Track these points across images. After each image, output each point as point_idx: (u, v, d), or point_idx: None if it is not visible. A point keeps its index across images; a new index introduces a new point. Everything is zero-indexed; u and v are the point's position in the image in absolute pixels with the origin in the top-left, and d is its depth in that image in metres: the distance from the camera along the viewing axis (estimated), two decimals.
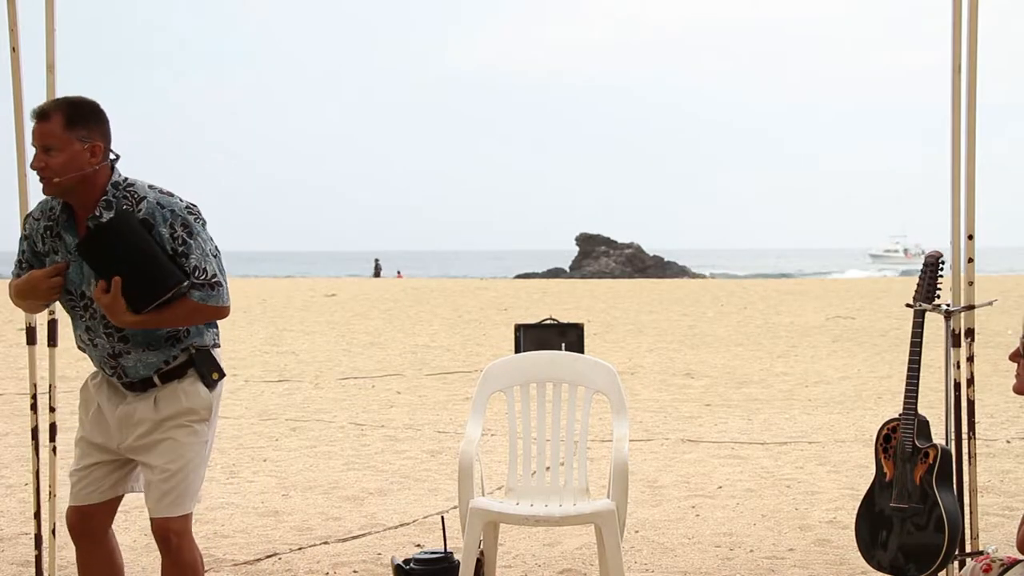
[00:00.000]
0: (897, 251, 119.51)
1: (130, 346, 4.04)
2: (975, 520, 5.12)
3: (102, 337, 4.06)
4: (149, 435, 4.10)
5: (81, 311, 4.07)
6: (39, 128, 3.90)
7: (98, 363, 4.14)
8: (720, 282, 44.28)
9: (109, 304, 3.89)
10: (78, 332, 4.13)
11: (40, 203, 4.13)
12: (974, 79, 4.97)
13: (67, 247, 4.02)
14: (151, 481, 4.16)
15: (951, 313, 5.09)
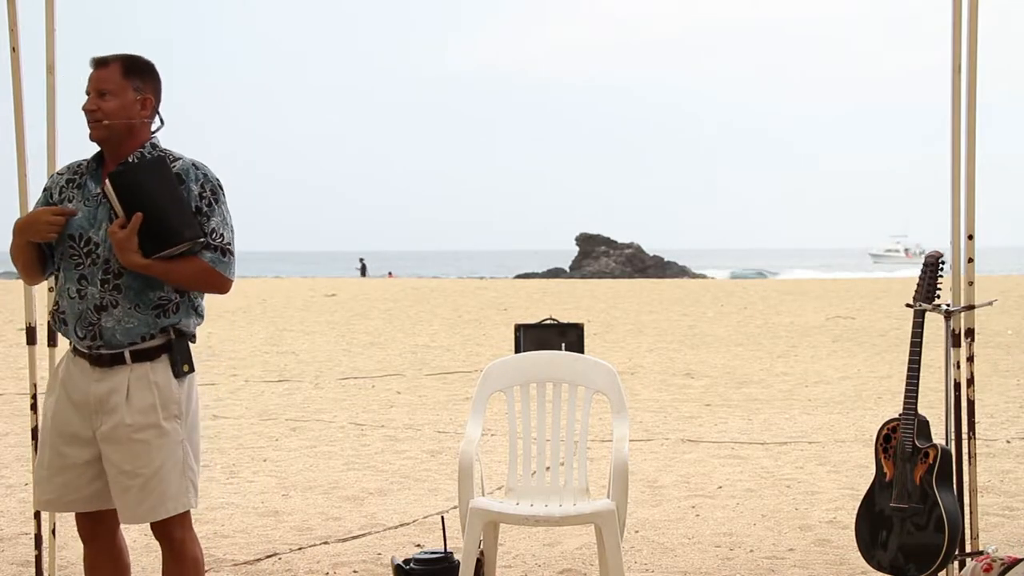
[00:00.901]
0: (898, 251, 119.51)
1: (120, 297, 3.95)
2: (975, 520, 5.12)
3: (95, 285, 3.97)
4: (119, 430, 3.96)
5: (80, 258, 3.99)
6: (97, 74, 3.99)
7: (74, 322, 3.98)
8: (720, 282, 44.28)
9: (123, 239, 3.88)
10: (67, 285, 4.00)
11: (67, 165, 4.15)
12: (974, 79, 4.98)
13: (86, 194, 4.03)
14: (126, 486, 3.97)
15: (951, 313, 5.09)
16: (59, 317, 4.07)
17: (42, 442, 4.11)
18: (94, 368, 3.99)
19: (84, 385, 4.00)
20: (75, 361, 4.04)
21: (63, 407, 4.03)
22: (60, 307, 4.07)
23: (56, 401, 4.06)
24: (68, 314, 4.02)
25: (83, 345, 4.00)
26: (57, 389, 4.07)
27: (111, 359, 3.97)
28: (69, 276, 4.01)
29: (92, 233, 3.99)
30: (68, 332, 4.04)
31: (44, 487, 4.09)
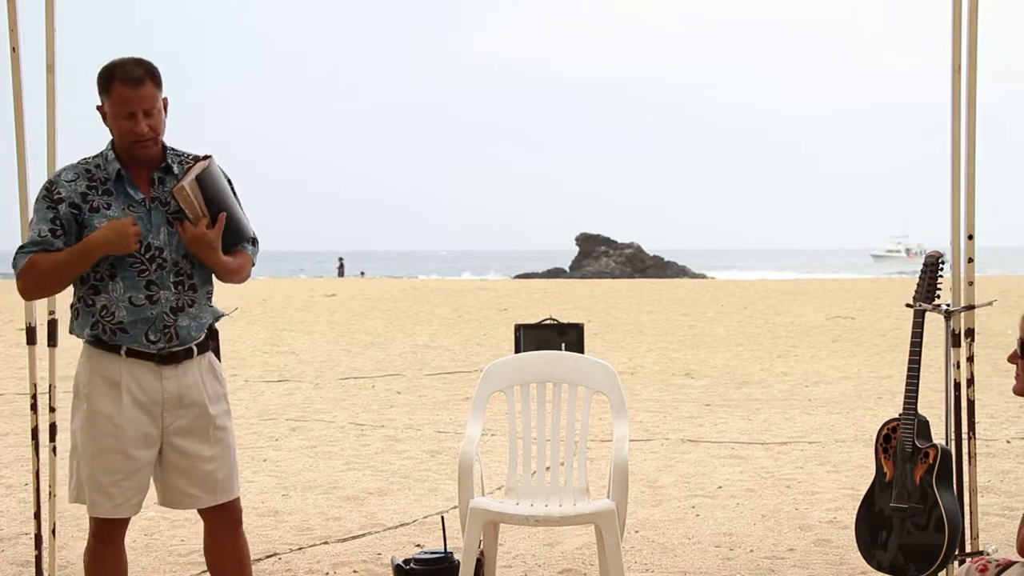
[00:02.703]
0: (899, 251, 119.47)
1: (194, 296, 4.12)
2: (975, 520, 5.13)
3: (168, 289, 4.06)
4: (202, 420, 4.14)
5: (144, 264, 4.04)
6: (136, 94, 4.00)
7: (144, 328, 4.03)
8: (720, 282, 44.29)
9: (213, 239, 4.06)
10: (127, 294, 4.02)
11: (68, 168, 4.10)
12: (974, 79, 4.98)
13: (128, 201, 4.05)
14: (206, 471, 4.16)
15: (951, 313, 5.09)
16: (113, 327, 4.05)
17: (102, 448, 4.07)
18: (162, 366, 4.07)
19: (154, 385, 4.07)
20: (136, 363, 4.06)
21: (131, 411, 4.06)
22: (115, 317, 4.04)
23: (124, 406, 4.06)
24: (130, 322, 4.04)
25: (153, 347, 4.06)
26: (122, 394, 4.06)
27: (183, 354, 4.10)
28: (130, 285, 4.03)
29: (152, 239, 4.05)
30: (130, 339, 4.05)
31: (112, 492, 4.09)
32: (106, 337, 4.06)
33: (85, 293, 4.07)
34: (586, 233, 59.18)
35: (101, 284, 4.04)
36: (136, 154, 4.06)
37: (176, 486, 4.18)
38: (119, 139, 4.06)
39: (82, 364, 4.15)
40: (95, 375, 4.09)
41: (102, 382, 4.07)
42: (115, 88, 4.00)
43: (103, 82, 4.05)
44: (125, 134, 4.03)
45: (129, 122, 4.01)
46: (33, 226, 4.06)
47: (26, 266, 4.01)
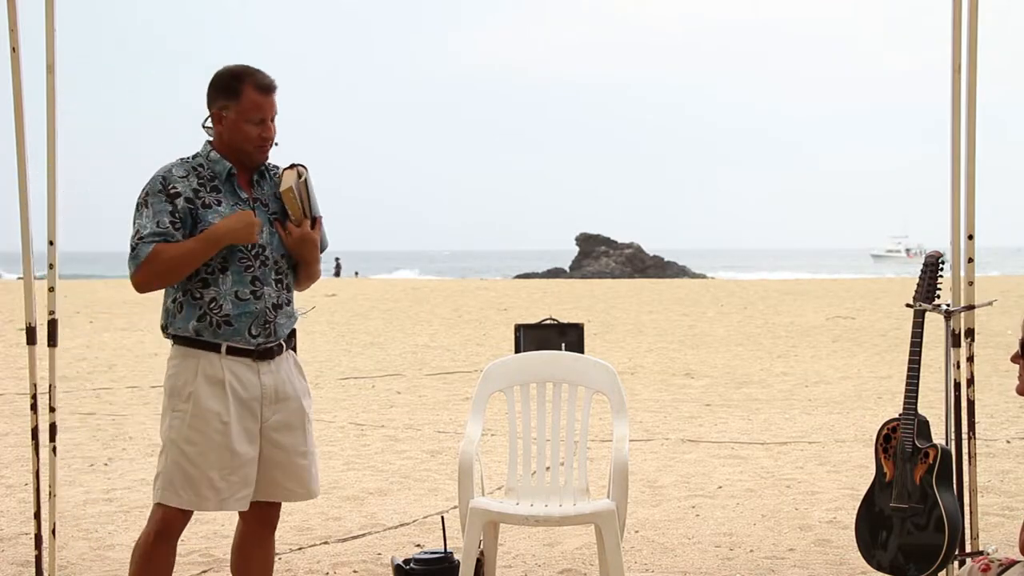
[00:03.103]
0: (899, 251, 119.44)
1: (289, 295, 4.26)
2: (975, 520, 5.13)
3: (270, 286, 4.19)
4: (297, 415, 4.26)
5: (250, 260, 4.16)
6: (269, 100, 4.18)
7: (248, 323, 4.13)
8: (720, 282, 44.29)
9: (316, 241, 4.26)
10: (235, 288, 4.13)
11: (175, 166, 4.17)
12: (974, 79, 4.98)
13: (236, 199, 4.18)
14: (302, 465, 4.27)
15: (951, 313, 5.09)
16: (219, 320, 4.12)
17: (212, 445, 4.11)
18: (259, 362, 4.17)
19: (252, 381, 4.16)
20: (234, 360, 4.13)
21: (236, 408, 4.14)
22: (222, 310, 4.11)
23: (229, 403, 4.12)
24: (236, 315, 4.12)
25: (253, 343, 4.14)
26: (226, 391, 4.11)
27: (277, 350, 4.22)
28: (238, 280, 4.13)
29: (262, 236, 4.19)
30: (233, 333, 4.13)
31: (220, 487, 4.13)
32: (209, 331, 4.11)
33: (193, 286, 4.13)
34: (586, 233, 59.18)
35: (211, 277, 4.12)
36: (255, 157, 4.20)
37: (274, 479, 4.25)
38: (241, 142, 4.17)
39: (180, 365, 4.16)
40: (198, 375, 4.12)
41: (205, 381, 4.13)
42: (247, 93, 4.14)
43: (230, 85, 4.16)
44: (251, 138, 4.16)
45: (258, 127, 4.16)
46: (147, 219, 4.08)
47: (151, 255, 4.04)
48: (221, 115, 4.18)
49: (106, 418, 10.85)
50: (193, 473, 4.12)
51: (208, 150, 4.21)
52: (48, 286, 5.10)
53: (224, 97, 4.17)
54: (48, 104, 5.03)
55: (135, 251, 4.07)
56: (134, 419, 10.80)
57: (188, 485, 4.12)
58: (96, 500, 7.40)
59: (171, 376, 4.18)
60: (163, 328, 4.23)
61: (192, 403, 4.12)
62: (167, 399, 4.19)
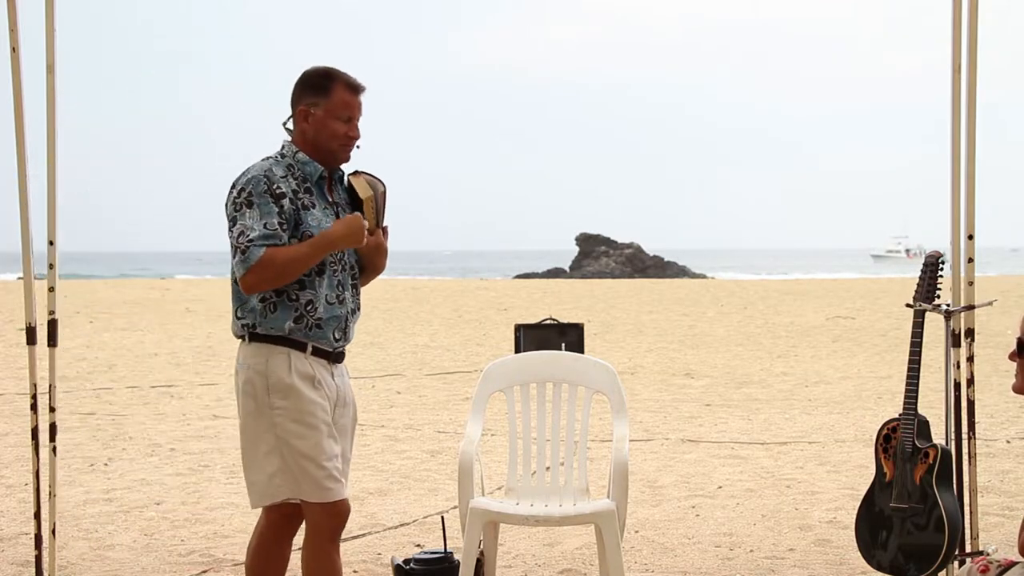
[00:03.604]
0: (899, 251, 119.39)
1: (359, 302, 4.33)
2: (975, 520, 5.12)
3: (349, 290, 4.25)
4: (351, 420, 4.31)
5: (336, 264, 4.20)
6: (357, 100, 4.23)
7: (334, 326, 4.17)
8: (720, 282, 44.29)
9: (386, 248, 4.33)
10: (325, 292, 4.15)
11: (271, 164, 4.15)
12: (974, 79, 4.98)
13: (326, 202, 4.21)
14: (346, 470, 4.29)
15: (951, 313, 5.09)
16: (313, 322, 4.13)
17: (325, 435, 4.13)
18: (332, 365, 4.22)
19: (330, 382, 4.20)
20: (316, 361, 4.16)
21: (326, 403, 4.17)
22: (316, 313, 4.14)
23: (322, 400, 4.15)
24: (326, 319, 4.15)
25: (332, 345, 4.19)
26: (317, 389, 4.14)
27: (344, 354, 4.29)
28: (329, 284, 4.17)
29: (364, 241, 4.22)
30: (322, 335, 4.15)
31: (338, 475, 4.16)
32: (301, 333, 4.11)
33: (290, 288, 4.11)
34: (586, 233, 59.17)
35: (308, 280, 4.13)
36: (339, 156, 4.22)
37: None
38: (327, 139, 4.17)
39: (271, 362, 4.10)
40: (292, 370, 4.11)
41: (299, 376, 4.12)
42: (337, 91, 4.17)
43: (321, 83, 4.18)
44: (338, 135, 4.18)
45: (346, 125, 4.19)
46: (254, 220, 4.04)
47: (264, 259, 4.01)
48: (308, 112, 4.17)
49: (106, 418, 10.86)
50: (309, 467, 4.09)
51: (294, 150, 4.19)
52: (48, 286, 5.10)
53: (313, 94, 4.17)
54: (48, 104, 5.03)
55: (245, 254, 4.01)
56: (134, 419, 10.81)
57: (308, 479, 4.10)
58: (96, 500, 7.40)
59: (260, 373, 4.10)
60: (249, 327, 4.12)
61: (293, 398, 4.09)
62: (259, 398, 4.11)
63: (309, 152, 4.20)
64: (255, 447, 4.14)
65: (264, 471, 4.12)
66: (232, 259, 4.08)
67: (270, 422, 4.10)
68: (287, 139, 4.24)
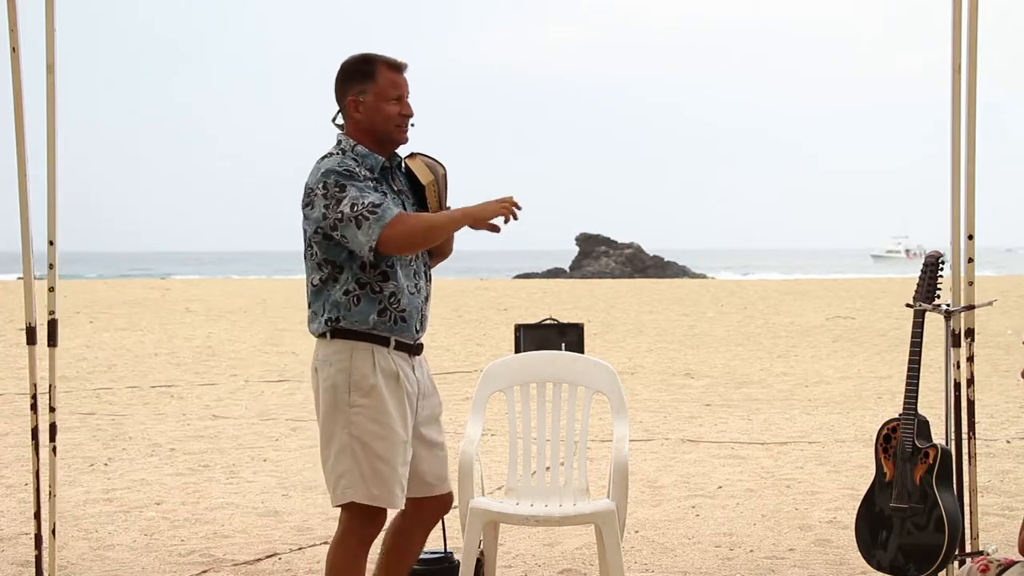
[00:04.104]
0: (899, 251, 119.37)
1: (431, 286, 4.30)
2: (975, 520, 5.12)
3: (424, 279, 4.23)
4: (438, 408, 4.31)
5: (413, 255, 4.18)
6: (403, 78, 4.19)
7: (416, 317, 4.17)
8: (720, 282, 44.29)
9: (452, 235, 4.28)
10: (407, 282, 4.13)
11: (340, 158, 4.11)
12: (974, 79, 4.98)
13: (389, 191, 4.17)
14: (442, 458, 4.31)
15: (951, 313, 5.09)
16: (398, 315, 4.12)
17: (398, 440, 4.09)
18: (413, 357, 4.20)
19: (411, 375, 4.18)
20: (399, 355, 4.14)
21: (407, 402, 4.15)
22: (399, 304, 4.11)
23: (403, 399, 4.12)
24: (409, 310, 4.14)
25: (413, 337, 4.18)
26: (401, 386, 4.12)
27: (422, 345, 4.25)
28: (407, 274, 4.15)
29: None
30: (406, 328, 4.14)
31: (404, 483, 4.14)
32: (386, 326, 4.09)
33: (373, 279, 4.08)
34: (586, 233, 59.13)
35: (391, 271, 4.10)
36: (396, 137, 4.17)
37: (418, 474, 4.24)
38: (382, 122, 4.14)
39: (354, 359, 4.07)
40: (376, 368, 4.08)
41: (382, 374, 4.09)
42: (381, 73, 4.14)
43: (363, 69, 4.15)
44: (392, 116, 4.16)
45: (397, 105, 4.15)
46: (363, 192, 4.02)
47: (396, 217, 3.99)
48: (358, 101, 4.13)
49: (106, 418, 10.86)
50: (383, 469, 4.05)
51: (352, 143, 4.15)
52: (48, 286, 5.10)
53: (359, 82, 4.13)
54: (48, 104, 5.03)
55: (376, 213, 3.96)
56: (134, 419, 10.81)
57: (379, 482, 4.05)
58: (96, 500, 7.40)
59: (342, 371, 4.06)
60: (332, 321, 4.07)
61: (375, 397, 4.06)
62: (338, 395, 4.07)
63: (366, 142, 4.15)
64: (328, 446, 4.13)
65: (335, 471, 4.10)
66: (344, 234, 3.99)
67: (347, 420, 4.06)
68: (340, 134, 4.20)
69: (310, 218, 4.07)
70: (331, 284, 4.08)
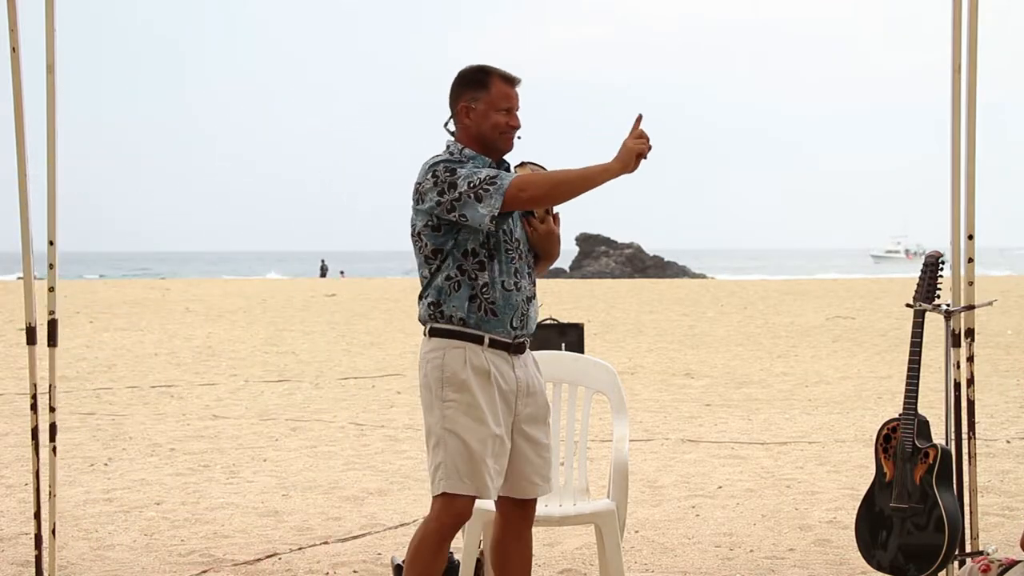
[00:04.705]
0: (899, 251, 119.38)
1: (535, 289, 4.34)
2: (975, 520, 5.13)
3: (526, 278, 4.29)
4: (543, 409, 4.34)
5: (513, 252, 4.25)
6: (515, 91, 4.31)
7: (511, 314, 4.21)
8: (720, 282, 44.29)
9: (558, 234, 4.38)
10: (502, 278, 4.21)
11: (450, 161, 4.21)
12: (974, 79, 4.98)
13: None
14: (547, 459, 4.35)
15: (951, 313, 5.09)
16: (488, 306, 4.20)
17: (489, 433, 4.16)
18: (513, 356, 4.25)
19: (510, 374, 4.23)
20: (495, 353, 4.21)
21: (500, 398, 4.20)
22: (490, 297, 4.20)
23: (495, 394, 4.18)
24: (501, 306, 4.20)
25: (511, 335, 4.23)
26: (492, 382, 4.18)
27: (526, 343, 4.32)
28: (505, 269, 4.23)
29: (515, 229, 4.29)
30: (498, 323, 4.20)
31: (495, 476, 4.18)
32: (476, 318, 4.18)
33: (472, 266, 4.19)
34: (586, 233, 59.15)
35: (487, 261, 4.20)
36: (502, 146, 4.28)
37: (523, 473, 4.30)
38: (489, 130, 4.25)
39: (448, 355, 4.21)
40: (467, 364, 4.18)
41: (473, 371, 4.18)
42: (495, 84, 4.26)
43: (478, 78, 4.27)
44: (500, 126, 4.25)
45: (507, 116, 4.27)
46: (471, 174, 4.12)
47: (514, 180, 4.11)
48: (469, 108, 4.26)
49: (106, 418, 10.86)
50: (473, 461, 4.14)
51: (460, 147, 4.28)
52: (48, 286, 5.10)
53: (473, 89, 4.27)
54: (48, 104, 5.03)
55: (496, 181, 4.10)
56: (134, 419, 10.81)
57: (472, 474, 4.14)
58: (96, 500, 7.40)
59: (438, 367, 4.21)
60: (433, 305, 4.28)
61: (465, 392, 4.16)
62: (434, 389, 4.21)
63: (474, 147, 4.28)
64: (428, 439, 4.24)
65: (433, 463, 4.21)
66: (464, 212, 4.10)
67: (441, 414, 4.18)
68: (450, 140, 4.33)
69: (420, 212, 4.22)
70: (437, 273, 4.26)
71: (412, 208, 4.27)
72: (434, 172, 4.18)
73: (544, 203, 4.23)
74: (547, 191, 4.16)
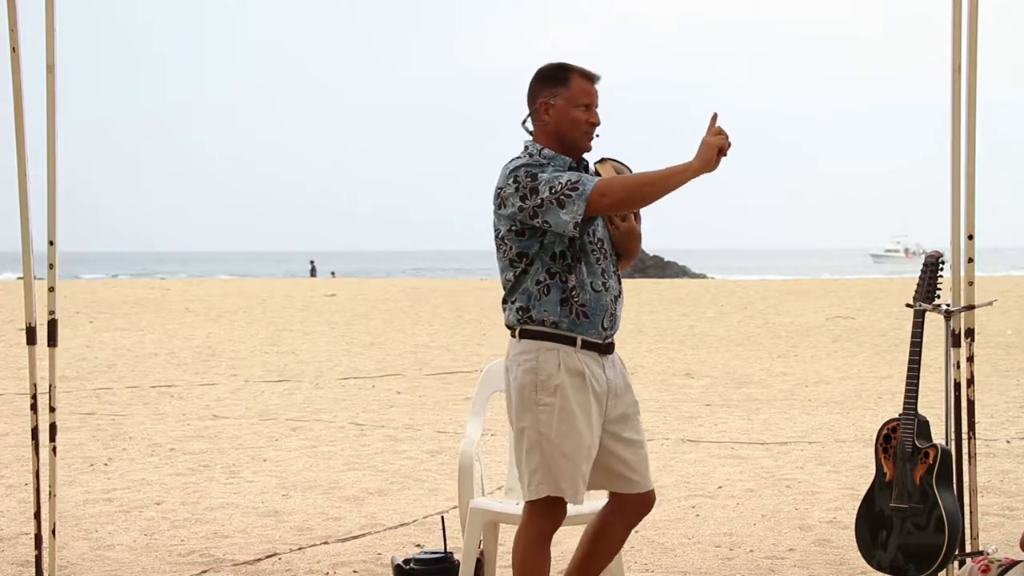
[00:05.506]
0: (898, 251, 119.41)
1: (621, 287, 4.31)
2: (975, 520, 5.13)
3: (612, 278, 4.27)
4: (633, 407, 4.33)
5: (599, 252, 4.24)
6: (595, 88, 4.31)
7: (601, 315, 4.20)
8: (720, 282, 44.29)
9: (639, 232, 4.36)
10: (590, 279, 4.19)
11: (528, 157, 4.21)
12: (974, 79, 4.98)
13: None
14: (642, 455, 4.36)
15: (951, 313, 5.09)
16: (579, 309, 4.18)
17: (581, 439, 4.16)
18: (603, 356, 4.24)
19: (601, 375, 4.22)
20: (587, 354, 4.19)
21: (594, 401, 4.19)
22: (580, 299, 4.18)
23: (590, 397, 4.18)
24: (592, 307, 4.19)
25: (602, 336, 4.22)
26: (587, 385, 4.17)
27: (614, 344, 4.30)
28: (592, 270, 4.21)
29: (599, 229, 4.27)
30: (590, 325, 4.19)
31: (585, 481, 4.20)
32: (568, 321, 4.16)
33: (560, 269, 4.17)
34: None
35: (576, 264, 4.19)
36: (581, 143, 4.26)
37: (619, 472, 4.31)
38: (569, 127, 4.24)
39: (540, 358, 4.17)
40: (561, 367, 4.16)
41: (568, 373, 4.16)
42: (574, 80, 4.25)
43: (558, 74, 4.27)
44: (580, 123, 4.24)
45: (586, 112, 4.25)
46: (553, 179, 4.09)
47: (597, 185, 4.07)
48: (548, 104, 4.24)
49: (106, 418, 10.86)
50: (567, 465, 4.14)
51: (539, 147, 4.25)
52: (48, 286, 5.10)
53: (552, 86, 4.25)
54: (48, 104, 5.03)
55: (578, 187, 4.06)
56: (134, 419, 10.81)
57: (565, 476, 4.15)
58: (96, 500, 7.41)
59: (530, 370, 4.17)
60: (523, 310, 4.19)
61: (559, 396, 4.14)
62: (527, 393, 4.17)
63: (553, 146, 4.25)
64: (520, 443, 4.22)
65: (528, 467, 4.19)
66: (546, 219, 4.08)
67: (535, 418, 4.16)
68: (528, 140, 4.30)
69: (503, 216, 4.19)
70: (524, 277, 4.20)
71: (494, 212, 4.23)
72: (515, 177, 4.14)
73: (626, 207, 4.19)
74: (629, 195, 4.11)
